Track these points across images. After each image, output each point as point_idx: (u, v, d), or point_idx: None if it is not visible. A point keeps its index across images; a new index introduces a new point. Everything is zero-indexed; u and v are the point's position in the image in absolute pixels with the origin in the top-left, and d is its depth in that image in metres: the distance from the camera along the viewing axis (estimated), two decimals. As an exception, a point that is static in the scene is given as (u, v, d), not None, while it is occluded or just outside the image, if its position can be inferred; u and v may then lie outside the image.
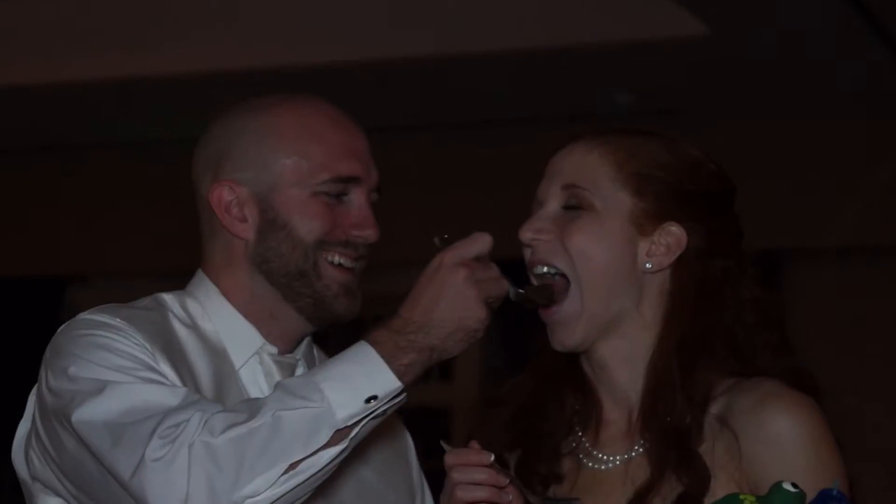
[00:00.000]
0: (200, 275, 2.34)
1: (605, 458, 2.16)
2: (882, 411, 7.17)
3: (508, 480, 2.03)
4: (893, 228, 7.46)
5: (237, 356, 2.25)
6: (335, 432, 1.99)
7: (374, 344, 2.04)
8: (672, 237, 2.14)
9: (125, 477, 1.98)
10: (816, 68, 6.92)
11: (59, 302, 8.54)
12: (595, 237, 2.12)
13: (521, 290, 2.18)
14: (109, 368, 2.09)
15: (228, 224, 2.27)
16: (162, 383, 2.09)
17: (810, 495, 1.67)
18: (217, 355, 2.25)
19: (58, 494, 2.18)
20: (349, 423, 2.01)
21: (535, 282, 2.18)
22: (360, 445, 2.29)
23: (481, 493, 2.01)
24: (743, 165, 2.62)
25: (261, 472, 1.96)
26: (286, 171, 2.23)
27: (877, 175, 7.45)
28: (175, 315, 2.27)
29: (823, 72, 6.95)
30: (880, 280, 7.64)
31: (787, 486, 1.66)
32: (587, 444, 2.19)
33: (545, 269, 2.15)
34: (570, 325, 2.13)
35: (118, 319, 2.18)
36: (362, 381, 2.02)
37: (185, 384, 2.15)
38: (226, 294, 2.29)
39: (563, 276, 2.13)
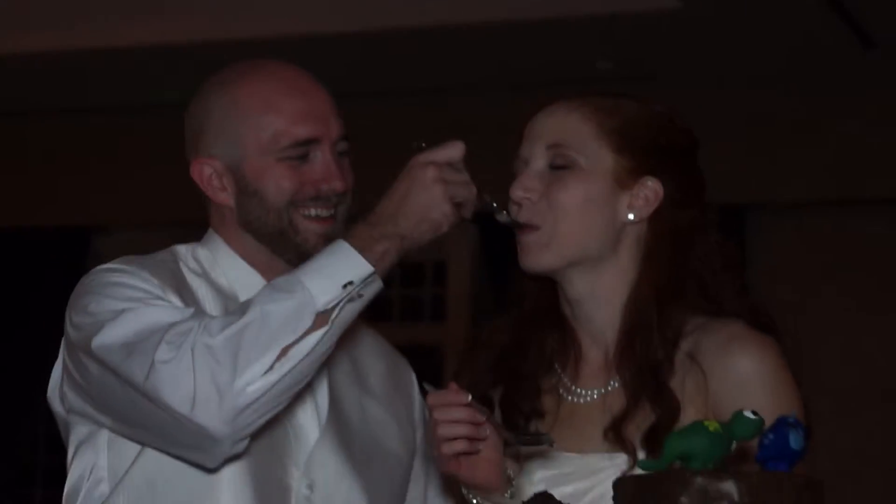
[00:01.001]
0: (210, 230, 2.38)
1: (583, 392, 2.18)
2: (838, 350, 7.19)
3: (485, 418, 2.04)
4: (848, 184, 7.49)
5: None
6: (317, 316, 2.05)
7: (349, 238, 2.11)
8: (650, 190, 2.16)
9: (139, 382, 2.05)
10: (776, 37, 6.94)
11: (85, 250, 8.50)
12: (581, 192, 2.13)
13: (496, 206, 2.21)
14: (123, 300, 2.15)
15: (212, 195, 2.32)
16: (170, 304, 2.16)
17: (770, 424, 1.68)
18: (227, 300, 2.28)
19: (92, 422, 2.23)
20: (329, 307, 2.05)
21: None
22: (368, 381, 2.38)
23: (461, 430, 2.02)
24: (710, 126, 2.63)
25: (255, 359, 2.02)
26: (250, 143, 2.26)
27: (833, 135, 7.47)
28: (187, 265, 2.31)
29: (782, 41, 6.97)
30: (838, 232, 7.63)
31: (748, 414, 1.65)
32: (567, 381, 2.21)
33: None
34: (541, 249, 2.14)
35: (133, 266, 2.24)
36: (338, 269, 2.08)
37: None
38: (231, 246, 2.33)
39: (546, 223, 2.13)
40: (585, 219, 2.14)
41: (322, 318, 2.05)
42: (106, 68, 7.76)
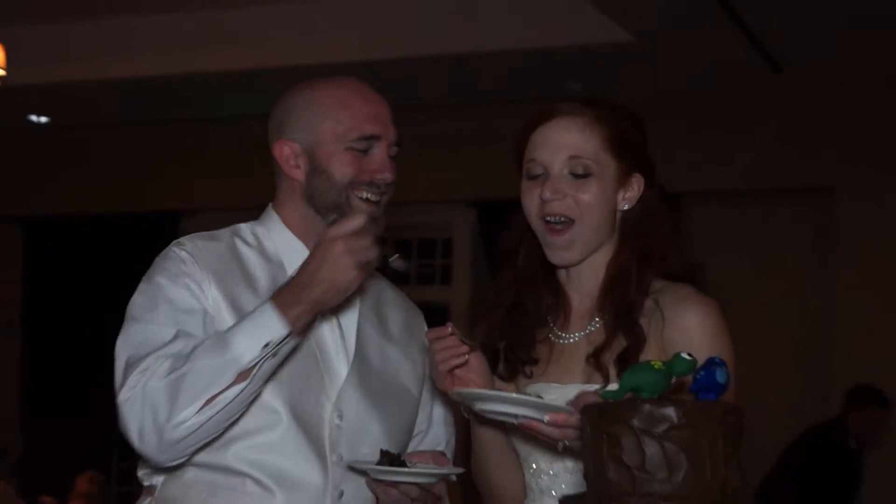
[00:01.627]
0: (269, 208, 2.35)
1: (570, 336, 2.18)
2: (749, 306, 7.23)
3: (469, 348, 2.08)
4: (778, 174, 7.51)
5: (291, 265, 2.22)
6: (240, 373, 2.03)
7: (273, 299, 2.07)
8: (638, 184, 2.17)
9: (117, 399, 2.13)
10: (705, 61, 6.92)
11: (174, 232, 8.25)
12: (598, 194, 2.12)
13: (397, 255, 2.18)
14: (142, 308, 2.17)
15: (287, 170, 2.28)
16: (163, 324, 2.14)
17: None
18: (274, 266, 2.27)
19: None
20: (250, 365, 2.03)
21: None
22: (389, 330, 2.36)
23: (454, 361, 2.06)
24: (659, 127, 2.62)
25: (187, 404, 2.03)
26: (326, 132, 2.23)
27: (763, 130, 7.48)
28: (244, 239, 2.29)
29: (710, 65, 6.95)
30: (768, 217, 7.69)
31: (684, 356, 1.66)
32: (556, 329, 2.20)
33: (560, 218, 2.13)
34: (571, 249, 2.13)
35: (187, 252, 2.21)
36: (260, 331, 2.04)
37: (235, 297, 2.19)
38: (285, 222, 2.30)
39: (572, 220, 2.12)
40: (601, 212, 2.13)
41: (244, 374, 2.03)
42: (194, 91, 7.77)
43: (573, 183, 2.12)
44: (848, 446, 6.37)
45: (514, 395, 1.99)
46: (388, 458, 2.12)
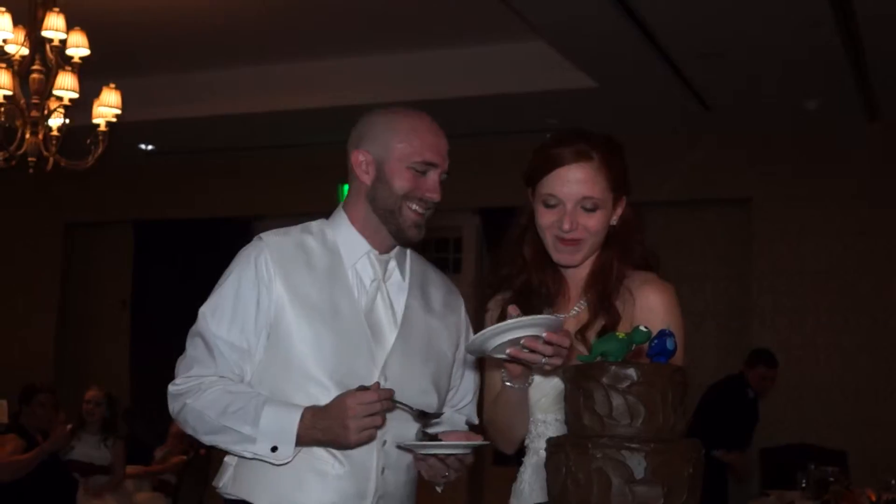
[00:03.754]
0: (339, 208, 2.26)
1: (564, 314, 2.13)
2: (702, 297, 7.25)
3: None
4: (706, 188, 7.47)
5: (349, 256, 2.17)
6: (246, 451, 2.05)
7: (301, 419, 2.00)
8: (623, 205, 2.14)
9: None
10: (651, 101, 6.88)
11: (247, 232, 8.21)
12: (601, 220, 2.09)
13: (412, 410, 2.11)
14: (205, 320, 2.13)
15: (359, 174, 2.20)
16: (212, 352, 2.11)
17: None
18: (334, 256, 2.17)
19: None
20: (255, 455, 2.03)
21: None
22: (431, 303, 2.28)
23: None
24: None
25: (202, 435, 2.10)
26: (395, 151, 2.16)
27: (694, 154, 7.48)
28: (312, 233, 2.20)
29: (654, 105, 6.92)
30: (698, 221, 7.68)
31: (642, 328, 1.66)
32: (554, 309, 2.16)
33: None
34: (576, 256, 2.11)
35: (264, 245, 2.15)
36: (278, 438, 2.00)
37: (296, 284, 2.11)
38: (350, 219, 2.21)
39: (580, 239, 2.10)
40: (602, 232, 2.11)
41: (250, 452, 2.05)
42: (262, 125, 7.75)
43: (583, 215, 2.09)
44: (747, 395, 6.39)
45: (510, 321, 1.88)
46: (428, 437, 2.07)
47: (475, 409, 2.37)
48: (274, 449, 1.98)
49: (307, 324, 2.07)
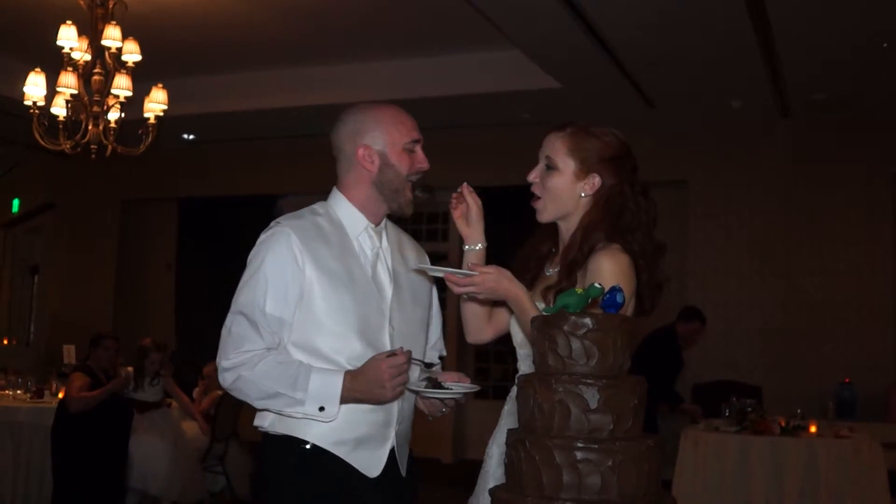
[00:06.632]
0: (334, 190, 2.19)
1: (551, 272, 2.11)
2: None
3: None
4: (649, 172, 7.40)
5: (352, 230, 2.12)
6: (294, 410, 1.96)
7: (343, 382, 1.94)
8: (593, 181, 2.05)
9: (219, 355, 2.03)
10: (602, 102, 6.82)
11: (273, 208, 8.23)
12: (560, 186, 2.04)
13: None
14: (246, 299, 2.02)
15: (367, 165, 2.12)
16: (258, 328, 2.00)
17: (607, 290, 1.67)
18: (340, 230, 2.12)
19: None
20: (303, 414, 1.97)
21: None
22: (408, 262, 2.21)
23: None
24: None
25: (252, 399, 2.00)
26: (391, 139, 2.11)
27: (639, 143, 7.38)
28: (319, 214, 2.14)
29: (607, 105, 6.86)
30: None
31: (596, 284, 1.65)
32: (550, 267, 2.14)
33: (535, 193, 2.08)
34: (540, 212, 2.08)
35: (289, 230, 2.05)
36: (324, 399, 1.95)
37: (319, 257, 2.03)
38: (349, 199, 2.15)
39: (539, 196, 2.07)
40: (559, 195, 2.05)
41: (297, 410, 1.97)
42: (288, 117, 7.68)
43: (545, 173, 2.06)
44: (677, 345, 6.11)
45: (439, 266, 1.94)
46: (432, 383, 2.02)
47: (443, 343, 2.36)
48: (321, 409, 1.96)
49: (332, 290, 2.03)
